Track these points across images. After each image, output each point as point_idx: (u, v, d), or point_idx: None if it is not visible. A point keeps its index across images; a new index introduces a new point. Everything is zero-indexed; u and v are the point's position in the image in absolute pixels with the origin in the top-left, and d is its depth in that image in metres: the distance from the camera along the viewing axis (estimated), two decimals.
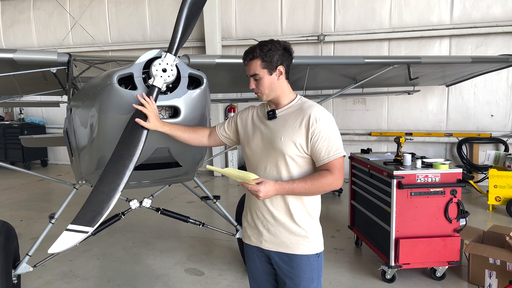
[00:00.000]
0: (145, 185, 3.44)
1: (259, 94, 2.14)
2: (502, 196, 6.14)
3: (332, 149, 2.02)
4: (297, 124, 2.06)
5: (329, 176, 2.00)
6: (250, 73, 2.12)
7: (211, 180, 9.25)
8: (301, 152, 2.06)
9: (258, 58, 2.07)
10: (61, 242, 2.02)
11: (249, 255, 2.33)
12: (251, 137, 2.22)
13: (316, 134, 2.02)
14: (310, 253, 2.13)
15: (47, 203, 7.32)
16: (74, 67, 3.77)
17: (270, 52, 2.06)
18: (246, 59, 2.12)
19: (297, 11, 8.88)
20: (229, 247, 4.92)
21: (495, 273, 3.72)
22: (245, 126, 2.29)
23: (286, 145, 2.05)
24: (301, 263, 2.12)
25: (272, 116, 2.14)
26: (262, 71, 2.08)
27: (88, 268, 4.44)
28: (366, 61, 4.82)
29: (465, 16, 7.88)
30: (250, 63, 2.10)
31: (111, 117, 2.59)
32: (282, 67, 2.11)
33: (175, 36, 2.27)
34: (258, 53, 2.07)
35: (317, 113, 2.04)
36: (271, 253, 2.19)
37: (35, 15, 11.21)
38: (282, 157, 2.07)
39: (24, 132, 10.40)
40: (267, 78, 2.09)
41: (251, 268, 2.35)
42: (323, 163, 2.03)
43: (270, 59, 2.07)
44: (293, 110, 2.12)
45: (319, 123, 2.02)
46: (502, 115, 7.96)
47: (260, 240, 2.20)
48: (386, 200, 3.92)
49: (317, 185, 1.99)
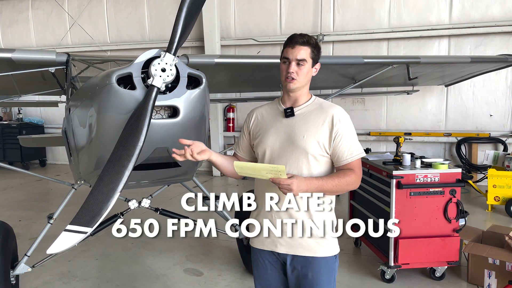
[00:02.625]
0: (144, 185, 3.43)
1: (292, 82, 2.06)
2: (501, 196, 6.14)
3: (355, 149, 2.06)
4: (320, 123, 2.05)
5: (352, 174, 2.02)
6: (297, 57, 2.03)
7: (210, 180, 9.24)
8: (323, 151, 2.05)
9: (310, 46, 2.06)
10: (59, 243, 2.00)
11: (259, 260, 2.21)
12: (265, 136, 2.15)
13: (339, 134, 2.03)
14: (329, 255, 2.08)
15: (46, 203, 7.30)
16: (72, 67, 3.76)
17: (319, 47, 2.09)
18: (298, 41, 2.04)
19: (296, 11, 8.87)
20: (228, 247, 4.91)
21: (494, 273, 3.72)
22: (256, 127, 2.22)
23: (309, 143, 2.03)
24: (319, 266, 2.06)
25: (290, 113, 2.11)
26: (309, 60, 2.06)
27: (87, 268, 4.43)
28: (365, 61, 4.82)
29: (464, 16, 7.88)
30: (302, 48, 2.04)
31: (110, 117, 2.58)
32: (319, 65, 2.14)
33: (174, 35, 2.26)
34: (312, 41, 2.06)
35: (339, 113, 2.07)
36: (287, 257, 2.10)
37: (34, 15, 11.19)
38: (305, 156, 2.04)
39: (22, 132, 10.36)
40: (309, 68, 2.08)
41: (261, 275, 2.22)
42: (346, 163, 2.04)
43: (318, 52, 2.09)
44: (313, 109, 2.11)
45: (342, 123, 2.04)
46: (501, 115, 7.96)
47: (275, 244, 2.10)
48: (385, 200, 3.92)
49: (343, 183, 2.00)
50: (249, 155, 2.31)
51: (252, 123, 2.26)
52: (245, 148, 2.31)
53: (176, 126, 2.58)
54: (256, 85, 6.39)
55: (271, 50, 8.96)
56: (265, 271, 2.20)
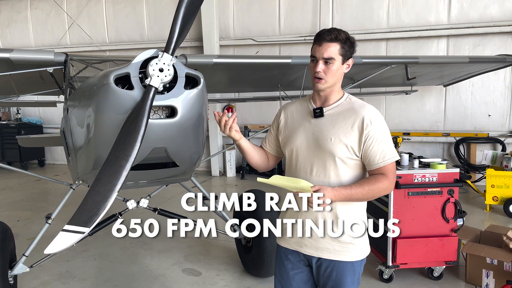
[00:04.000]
0: (142, 185, 3.43)
1: (320, 82, 1.95)
2: (499, 196, 6.15)
3: (388, 153, 1.93)
4: (349, 125, 1.94)
5: (385, 180, 1.91)
6: (324, 55, 1.91)
7: (209, 180, 9.24)
8: (352, 154, 1.94)
9: (339, 42, 1.92)
10: (57, 243, 1.99)
11: (281, 258, 2.16)
12: (293, 136, 2.08)
13: (370, 137, 1.92)
14: (355, 260, 2.01)
15: (44, 203, 7.29)
16: (71, 67, 3.76)
17: (350, 41, 1.95)
18: (326, 38, 1.91)
19: (295, 11, 8.87)
20: (226, 247, 4.91)
21: (492, 273, 3.72)
22: (285, 124, 2.15)
23: (337, 146, 1.93)
24: (344, 270, 2.00)
25: (319, 114, 2.00)
26: (338, 57, 1.93)
27: (85, 268, 4.43)
28: (364, 61, 4.82)
29: (462, 16, 7.89)
30: (329, 45, 1.91)
31: (107, 117, 2.57)
32: (352, 60, 2.01)
33: (172, 35, 2.26)
34: (341, 37, 1.92)
35: (371, 114, 1.95)
36: (312, 259, 2.05)
37: (32, 15, 11.18)
38: (332, 159, 1.94)
39: (21, 132, 10.35)
40: (339, 66, 1.95)
41: (282, 273, 2.18)
42: (378, 167, 1.93)
43: (349, 47, 1.96)
44: (343, 109, 2.00)
45: (373, 125, 1.92)
46: (499, 115, 7.98)
47: (300, 245, 2.05)
48: (384, 200, 3.92)
49: (374, 190, 1.90)
50: (275, 150, 2.26)
51: (282, 120, 2.19)
52: (272, 143, 2.26)
53: (174, 126, 2.58)
54: (255, 85, 6.39)
55: (270, 50, 8.97)
56: (286, 270, 2.15)
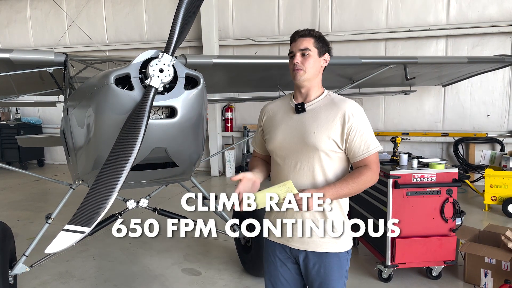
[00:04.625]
0: (142, 185, 3.44)
1: (300, 72, 2.03)
2: (498, 195, 6.17)
3: (370, 144, 1.99)
4: (331, 119, 2.00)
5: (368, 172, 1.97)
6: (300, 47, 2.03)
7: (208, 180, 9.25)
8: (335, 147, 2.00)
9: (312, 37, 2.05)
10: (57, 243, 2.00)
11: (270, 256, 2.20)
12: (275, 132, 2.12)
13: (353, 129, 1.97)
14: (341, 251, 2.08)
15: (44, 203, 7.30)
16: (70, 67, 3.76)
17: (323, 38, 2.09)
18: (299, 34, 2.06)
19: (294, 11, 8.89)
20: (226, 247, 4.92)
21: (490, 272, 3.73)
22: (267, 123, 2.20)
23: (320, 140, 1.98)
24: (331, 264, 2.06)
25: (300, 109, 2.06)
26: (314, 49, 2.04)
27: (85, 268, 4.43)
28: (362, 61, 4.84)
29: (461, 16, 7.91)
30: (303, 39, 2.04)
31: (107, 117, 2.58)
32: (329, 56, 2.12)
33: (172, 36, 2.27)
34: (314, 33, 2.07)
35: (352, 108, 2.01)
36: (299, 254, 2.08)
37: (32, 15, 11.18)
38: (316, 153, 1.99)
39: (20, 132, 10.35)
40: (315, 58, 2.05)
41: (271, 271, 2.21)
42: (361, 159, 1.99)
43: (322, 42, 2.08)
44: (324, 104, 2.07)
45: (355, 117, 1.98)
46: (498, 115, 8.00)
47: (287, 239, 2.08)
48: (382, 200, 3.94)
49: (359, 183, 1.95)
50: (266, 151, 2.28)
51: (264, 119, 2.23)
52: (261, 145, 2.29)
53: (173, 126, 2.59)
54: (254, 85, 6.40)
55: (269, 51, 8.98)
56: (275, 267, 2.18)
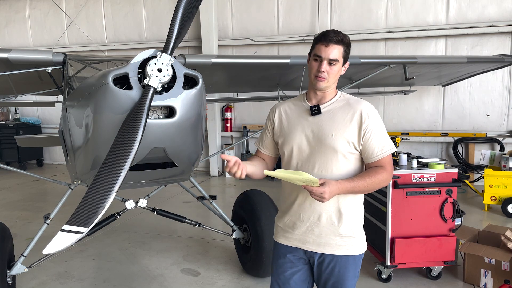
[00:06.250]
0: (141, 185, 3.43)
1: (323, 81, 2.00)
2: (497, 195, 6.17)
3: (385, 145, 2.01)
4: (348, 120, 2.00)
5: (384, 172, 1.98)
6: (330, 56, 1.96)
7: (208, 180, 9.24)
8: (352, 148, 2.00)
9: (343, 45, 2.00)
10: (56, 243, 2.00)
11: (280, 257, 2.18)
12: (291, 135, 2.10)
13: (369, 130, 1.98)
14: (357, 254, 2.08)
15: (43, 203, 7.29)
16: (69, 67, 3.75)
17: (350, 45, 2.05)
18: (333, 39, 1.97)
19: (294, 11, 8.88)
20: (225, 247, 4.91)
21: (490, 272, 3.73)
22: (281, 124, 2.16)
23: (338, 141, 1.98)
24: (346, 264, 2.06)
25: (316, 111, 2.05)
26: (341, 59, 2.01)
27: (84, 268, 4.42)
28: (362, 61, 4.82)
29: (460, 16, 7.91)
30: (335, 46, 1.97)
31: (106, 117, 2.58)
32: (348, 64, 2.10)
33: (170, 35, 2.27)
34: (346, 40, 2.01)
35: (368, 109, 2.02)
36: (315, 256, 2.09)
37: (31, 15, 11.17)
38: (334, 155, 1.99)
39: (19, 132, 10.34)
40: (340, 67, 2.03)
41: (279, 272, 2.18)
42: (377, 159, 2.00)
43: (349, 50, 2.05)
44: (340, 106, 2.06)
45: (371, 119, 1.99)
46: (497, 115, 8.00)
47: (303, 242, 2.09)
48: (382, 200, 3.93)
49: (374, 181, 1.96)
50: (272, 152, 2.27)
51: (276, 120, 2.19)
52: (268, 145, 2.26)
53: (172, 126, 2.59)
54: (254, 85, 6.39)
55: (268, 50, 8.98)
56: (283, 270, 2.17)
